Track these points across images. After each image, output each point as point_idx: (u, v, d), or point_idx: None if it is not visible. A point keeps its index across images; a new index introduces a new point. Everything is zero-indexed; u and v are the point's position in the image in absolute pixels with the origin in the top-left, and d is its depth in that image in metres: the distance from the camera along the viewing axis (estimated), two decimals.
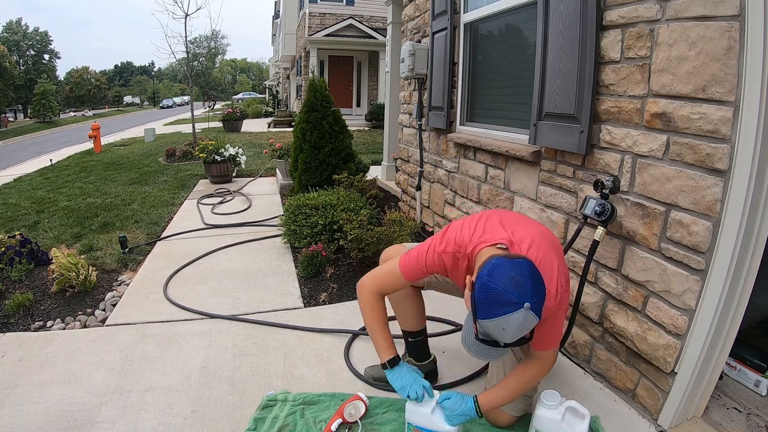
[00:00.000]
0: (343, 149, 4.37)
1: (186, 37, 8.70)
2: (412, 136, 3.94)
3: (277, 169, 6.29)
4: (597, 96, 1.84)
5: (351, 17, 14.70)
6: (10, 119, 33.38)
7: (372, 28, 14.68)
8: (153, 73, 75.50)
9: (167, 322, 2.43)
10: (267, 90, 37.18)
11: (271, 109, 22.23)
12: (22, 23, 45.68)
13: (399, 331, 2.27)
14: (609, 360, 1.88)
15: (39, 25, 73.70)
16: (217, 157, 5.95)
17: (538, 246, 1.37)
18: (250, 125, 15.12)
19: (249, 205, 4.92)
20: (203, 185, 6.00)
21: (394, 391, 1.83)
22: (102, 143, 10.56)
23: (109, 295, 2.79)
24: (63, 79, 53.53)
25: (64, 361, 2.08)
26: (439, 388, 1.80)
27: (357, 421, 1.62)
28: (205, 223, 4.23)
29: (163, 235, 3.92)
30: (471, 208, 3.00)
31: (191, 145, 8.08)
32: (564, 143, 2.01)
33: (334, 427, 1.58)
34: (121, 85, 71.02)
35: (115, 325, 2.42)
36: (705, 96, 1.41)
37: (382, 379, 1.90)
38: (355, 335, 2.26)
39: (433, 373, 1.93)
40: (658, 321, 1.62)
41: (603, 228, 1.74)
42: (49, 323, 2.47)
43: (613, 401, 1.79)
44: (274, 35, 33.69)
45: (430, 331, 1.97)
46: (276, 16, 29.79)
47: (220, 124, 13.87)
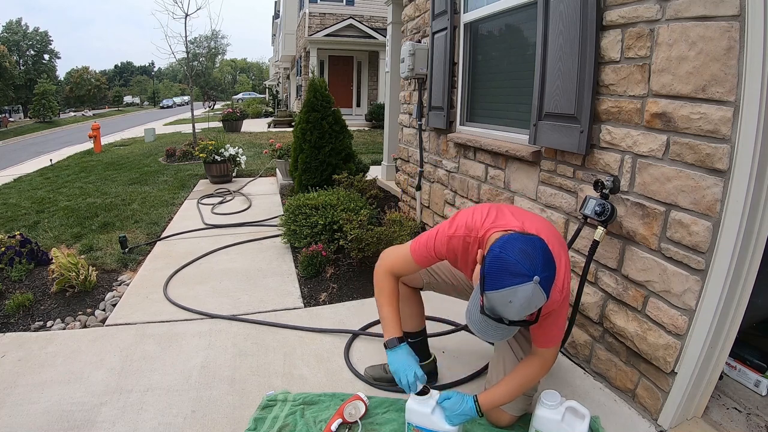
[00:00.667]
0: (343, 149, 4.37)
1: (186, 37, 8.70)
2: (412, 136, 3.94)
3: (277, 169, 6.29)
4: (597, 96, 1.84)
5: (351, 17, 14.70)
6: (10, 119, 33.37)
7: (372, 28, 14.68)
8: (153, 73, 75.52)
9: (167, 322, 2.43)
10: (267, 90, 37.18)
11: (271, 109, 22.23)
12: (22, 23, 45.74)
13: None
14: (609, 360, 1.88)
15: (39, 25, 73.83)
16: (217, 157, 5.95)
17: (546, 238, 1.36)
18: (250, 125, 15.13)
19: (249, 205, 4.93)
20: (203, 185, 6.00)
21: (394, 391, 1.84)
22: (102, 143, 10.56)
23: (109, 295, 2.79)
24: (63, 79, 53.54)
25: (64, 361, 2.08)
26: (439, 388, 1.80)
27: (357, 421, 1.62)
28: (205, 223, 4.23)
29: (163, 235, 3.92)
30: None
31: (191, 145, 8.08)
32: (564, 143, 2.01)
33: (334, 427, 1.58)
34: (121, 85, 71.02)
35: (115, 325, 2.42)
36: (705, 96, 1.41)
37: (382, 379, 1.90)
38: (355, 335, 2.26)
39: (433, 373, 1.93)
40: (658, 321, 1.62)
41: (603, 228, 1.74)
42: (49, 323, 2.47)
43: (613, 401, 1.79)
44: (274, 35, 33.69)
45: (430, 331, 1.97)
46: (276, 16, 29.80)
47: (220, 124, 13.87)
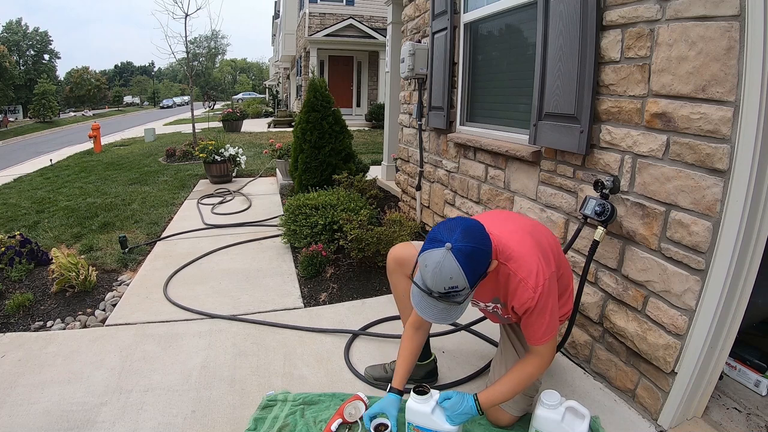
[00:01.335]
0: (343, 149, 4.37)
1: (186, 37, 8.72)
2: (412, 136, 3.94)
3: (277, 169, 6.29)
4: (597, 96, 1.84)
5: (351, 17, 14.70)
6: (10, 119, 33.37)
7: (372, 28, 14.69)
8: (153, 73, 75.55)
9: (167, 322, 2.43)
10: (267, 90, 37.18)
11: (271, 109, 22.23)
12: (22, 23, 45.71)
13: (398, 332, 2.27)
14: (609, 360, 1.88)
15: (39, 25, 73.94)
16: (217, 157, 5.95)
17: (518, 241, 1.42)
18: (250, 125, 15.13)
19: (249, 205, 4.93)
20: (203, 185, 6.00)
21: None
22: (102, 143, 10.56)
23: (109, 295, 2.79)
24: (63, 79, 53.50)
25: (64, 361, 2.08)
26: (439, 388, 1.80)
27: (357, 421, 1.62)
28: (205, 223, 4.23)
29: (163, 235, 3.92)
30: (471, 208, 3.00)
31: (191, 145, 8.08)
32: (564, 143, 2.01)
33: (334, 427, 1.58)
34: (121, 85, 71.01)
35: (115, 325, 2.42)
36: (705, 96, 1.41)
37: (382, 379, 1.90)
38: (355, 335, 2.26)
39: (433, 372, 1.93)
40: (658, 321, 1.62)
41: (603, 228, 1.74)
42: (49, 323, 2.47)
43: (613, 401, 1.79)
44: (274, 35, 33.69)
45: (430, 331, 1.97)
46: (276, 16, 29.79)
47: (220, 124, 13.87)
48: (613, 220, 1.73)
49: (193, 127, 9.21)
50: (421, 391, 1.48)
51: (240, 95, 41.90)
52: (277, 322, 2.40)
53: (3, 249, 3.07)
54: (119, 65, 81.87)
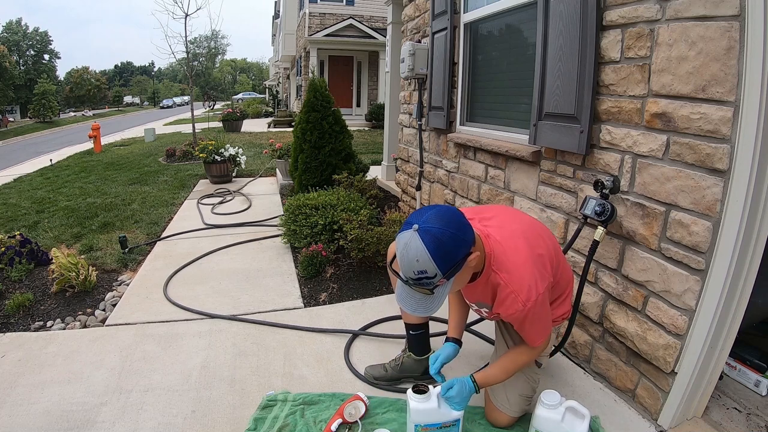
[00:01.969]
0: (343, 149, 4.37)
1: (186, 37, 8.72)
2: (412, 136, 3.94)
3: (277, 169, 6.29)
4: (597, 96, 1.84)
5: (351, 17, 14.70)
6: (10, 119, 33.38)
7: (372, 28, 14.69)
8: (153, 73, 75.56)
9: (167, 322, 2.43)
10: (267, 90, 37.18)
11: (271, 109, 22.23)
12: (22, 23, 45.72)
13: (399, 332, 2.27)
14: (609, 360, 1.88)
15: (39, 25, 74.02)
16: (217, 157, 5.95)
17: (513, 248, 1.38)
18: (250, 125, 15.13)
19: (249, 205, 4.93)
20: (203, 185, 6.00)
21: (394, 391, 1.85)
22: (102, 143, 10.56)
23: (109, 295, 2.79)
24: (63, 79, 53.52)
25: (64, 361, 2.08)
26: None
27: (357, 421, 1.62)
28: (205, 223, 4.23)
29: (163, 235, 3.92)
30: None
31: (191, 145, 8.08)
32: (564, 143, 2.01)
33: (334, 427, 1.58)
34: (121, 85, 71.02)
35: (115, 325, 2.42)
36: (705, 96, 1.41)
37: (382, 379, 1.91)
38: (355, 335, 2.26)
39: None
40: (658, 321, 1.62)
41: (603, 228, 1.74)
42: (49, 323, 2.47)
43: (613, 401, 1.79)
44: (274, 35, 33.69)
45: (430, 331, 1.97)
46: (276, 16, 29.79)
47: (220, 124, 13.87)
48: (613, 220, 1.73)
49: (193, 127, 9.21)
50: (420, 390, 1.48)
51: (240, 95, 41.91)
52: (277, 322, 2.40)
53: (3, 249, 3.07)
54: (119, 65, 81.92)
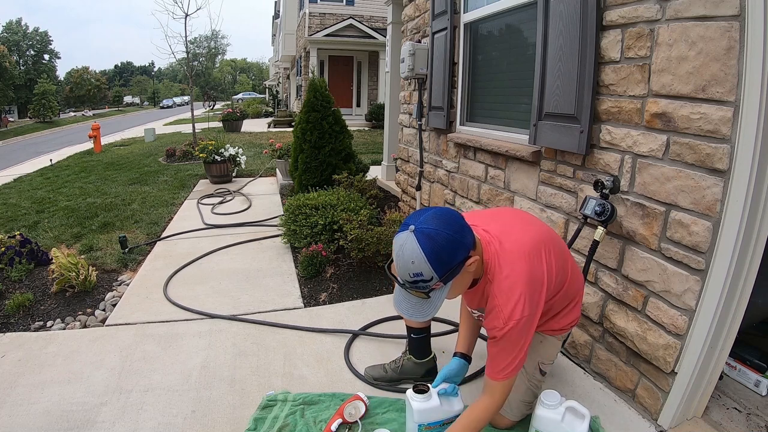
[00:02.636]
0: (343, 149, 4.37)
1: (186, 37, 8.72)
2: (412, 136, 3.94)
3: (277, 169, 6.29)
4: (597, 96, 1.84)
5: (351, 17, 14.70)
6: (10, 119, 33.38)
7: (372, 28, 14.68)
8: (153, 73, 75.57)
9: (167, 322, 2.43)
10: (267, 90, 37.18)
11: (271, 109, 22.23)
12: (22, 23, 45.70)
13: (400, 331, 2.26)
14: (609, 360, 1.88)
15: (39, 25, 74.02)
16: (217, 157, 5.95)
17: (510, 262, 1.31)
18: (250, 125, 15.13)
19: (249, 205, 4.93)
20: (203, 185, 6.00)
21: (394, 391, 1.85)
22: (102, 143, 10.56)
23: (109, 295, 2.79)
24: (63, 79, 53.50)
25: (64, 361, 2.08)
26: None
27: (357, 421, 1.62)
28: (205, 223, 4.23)
29: (163, 235, 3.92)
30: (471, 208, 3.00)
31: (191, 145, 8.08)
32: (564, 143, 2.01)
33: (334, 427, 1.58)
34: (121, 85, 71.02)
35: (115, 325, 2.42)
36: (705, 96, 1.41)
37: (382, 379, 1.91)
38: (355, 335, 2.26)
39: (433, 371, 1.93)
40: (658, 321, 1.62)
41: (603, 228, 1.74)
42: (49, 323, 2.47)
43: (613, 401, 1.79)
44: (274, 35, 33.69)
45: (432, 331, 1.97)
46: (276, 16, 29.79)
47: (220, 124, 13.86)
48: (613, 220, 1.73)
49: (193, 127, 9.21)
50: (421, 390, 1.48)
51: (240, 95, 41.91)
52: (277, 322, 2.40)
53: (3, 249, 3.07)
54: (119, 65, 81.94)
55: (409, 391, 1.50)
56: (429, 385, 1.52)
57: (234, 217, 4.47)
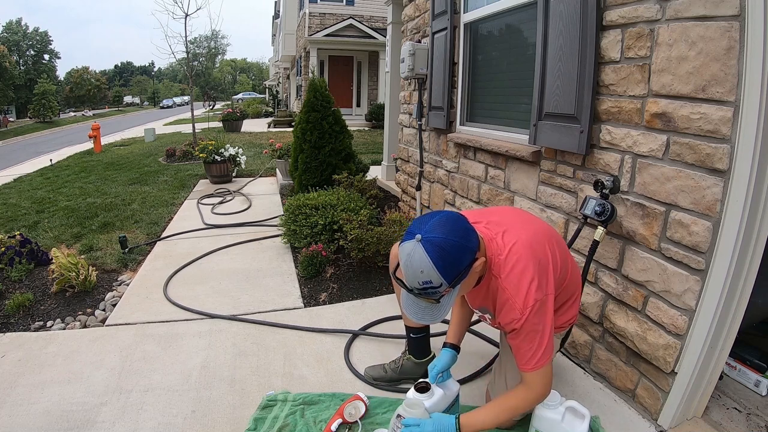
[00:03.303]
0: (343, 149, 4.37)
1: (186, 37, 8.72)
2: (412, 136, 3.94)
3: (277, 169, 6.29)
4: (597, 96, 1.84)
5: (351, 17, 14.70)
6: (10, 119, 33.38)
7: (372, 28, 14.68)
8: (153, 73, 75.62)
9: (167, 322, 2.43)
10: (267, 90, 37.18)
11: (271, 109, 22.23)
12: (22, 23, 45.74)
13: (399, 331, 2.27)
14: (609, 360, 1.88)
15: (39, 25, 74.08)
16: (217, 157, 5.95)
17: (515, 253, 1.32)
18: (250, 125, 15.13)
19: (249, 205, 4.93)
20: (203, 185, 6.00)
21: (394, 391, 1.85)
22: (102, 143, 10.56)
23: (109, 295, 2.79)
24: (63, 79, 53.51)
25: (64, 361, 2.08)
26: None
27: (357, 421, 1.62)
28: (205, 223, 4.23)
29: (163, 235, 3.92)
30: (471, 208, 3.00)
31: (191, 145, 8.08)
32: (564, 143, 2.01)
33: (334, 427, 1.58)
34: (121, 85, 71.00)
35: (115, 325, 2.42)
36: (705, 96, 1.41)
37: (382, 379, 1.91)
38: (355, 335, 2.26)
39: None
40: (658, 321, 1.62)
41: (603, 228, 1.74)
42: (49, 323, 2.47)
43: (613, 401, 1.79)
44: (274, 35, 33.69)
45: (431, 331, 1.97)
46: (276, 16, 29.79)
47: (220, 124, 13.86)
48: (613, 220, 1.73)
49: (193, 127, 9.21)
50: (422, 387, 1.48)
51: (240, 95, 41.89)
52: (277, 322, 2.40)
53: (3, 249, 3.07)
54: (119, 65, 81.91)
55: (411, 391, 1.49)
56: (427, 381, 1.52)
57: (234, 217, 4.47)
